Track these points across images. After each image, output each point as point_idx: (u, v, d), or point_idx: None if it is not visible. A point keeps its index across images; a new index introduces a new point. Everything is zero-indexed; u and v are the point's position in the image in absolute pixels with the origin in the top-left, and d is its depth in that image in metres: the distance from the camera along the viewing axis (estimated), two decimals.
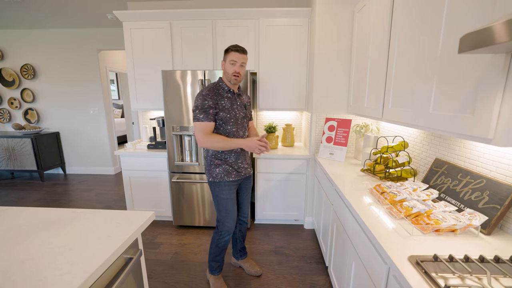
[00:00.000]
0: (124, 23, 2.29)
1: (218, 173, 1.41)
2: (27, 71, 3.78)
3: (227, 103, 1.36)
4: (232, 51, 1.33)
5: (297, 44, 2.21)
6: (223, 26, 2.22)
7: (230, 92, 1.40)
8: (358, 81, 1.76)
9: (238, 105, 1.42)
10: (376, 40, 1.45)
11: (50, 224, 0.93)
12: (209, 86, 1.37)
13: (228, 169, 1.41)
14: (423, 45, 0.99)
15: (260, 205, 2.29)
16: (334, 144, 1.95)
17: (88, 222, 0.94)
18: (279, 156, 2.15)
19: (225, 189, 1.42)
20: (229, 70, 1.34)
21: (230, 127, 1.38)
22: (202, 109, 1.29)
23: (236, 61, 1.33)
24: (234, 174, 1.43)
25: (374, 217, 0.99)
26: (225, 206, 1.44)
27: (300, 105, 2.32)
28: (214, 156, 1.41)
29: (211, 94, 1.32)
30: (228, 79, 1.37)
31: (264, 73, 2.28)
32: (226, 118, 1.35)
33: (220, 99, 1.34)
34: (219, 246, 1.51)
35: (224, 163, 1.41)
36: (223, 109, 1.34)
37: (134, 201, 2.40)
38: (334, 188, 1.47)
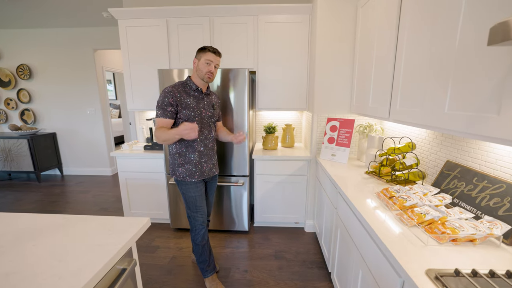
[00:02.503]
0: (120, 21, 2.22)
1: (181, 173, 1.41)
2: (23, 71, 3.71)
3: (192, 101, 1.36)
4: (209, 51, 1.34)
5: (297, 42, 2.14)
6: (220, 23, 2.15)
7: (197, 90, 1.40)
8: (362, 79, 1.69)
9: (205, 104, 1.42)
10: (382, 36, 1.38)
11: (38, 231, 0.87)
12: (176, 83, 1.37)
13: (191, 170, 1.41)
14: (437, 41, 0.91)
15: (259, 207, 2.22)
16: (337, 145, 1.87)
17: (78, 230, 0.88)
18: (278, 158, 2.08)
19: (191, 187, 1.43)
20: (203, 69, 1.35)
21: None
22: (161, 106, 1.30)
23: (211, 61, 1.35)
24: (197, 175, 1.43)
25: (384, 224, 0.92)
26: (193, 202, 1.45)
27: (300, 104, 2.24)
28: (178, 154, 1.41)
29: (174, 91, 1.32)
30: (201, 77, 1.37)
31: (263, 71, 2.20)
32: (190, 116, 1.35)
33: (185, 97, 1.34)
34: (197, 243, 1.49)
35: (186, 162, 1.40)
36: (187, 107, 1.34)
37: (130, 203, 2.33)
38: (338, 191, 1.40)
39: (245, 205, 2.11)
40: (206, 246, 1.52)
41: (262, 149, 2.31)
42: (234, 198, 2.11)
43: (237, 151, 2.01)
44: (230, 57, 2.20)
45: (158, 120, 1.32)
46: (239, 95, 1.92)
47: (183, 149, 1.40)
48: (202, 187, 1.48)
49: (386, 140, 1.70)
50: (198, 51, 1.37)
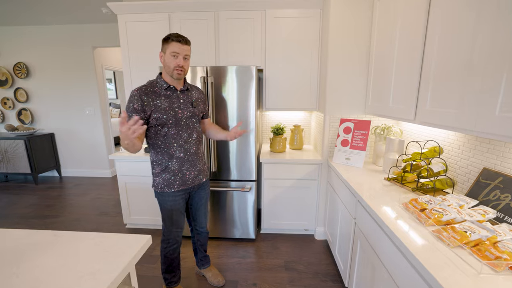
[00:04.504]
0: (119, 16, 2.10)
1: (158, 183, 1.25)
2: (20, 69, 3.59)
3: (163, 102, 1.17)
4: (173, 41, 1.12)
5: (307, 38, 2.01)
6: (226, 18, 2.03)
7: (169, 89, 1.20)
8: (380, 78, 1.57)
9: (181, 103, 1.22)
10: (405, 30, 1.25)
11: (23, 253, 0.74)
12: (143, 85, 1.19)
13: (169, 179, 1.24)
14: (483, 33, 0.79)
15: (266, 213, 2.10)
16: (351, 148, 1.75)
17: (70, 251, 0.76)
18: (287, 161, 1.96)
19: (168, 199, 1.26)
20: (170, 64, 1.15)
21: (168, 129, 1.19)
22: (127, 112, 1.13)
23: (178, 53, 1.13)
24: (177, 184, 1.26)
25: (420, 243, 0.80)
26: (169, 216, 1.31)
27: (310, 104, 2.12)
28: (155, 162, 1.25)
29: (140, 94, 1.13)
30: (170, 73, 1.17)
31: (271, 69, 2.08)
32: (162, 120, 1.16)
33: (154, 99, 1.16)
34: (168, 256, 1.36)
35: (164, 171, 1.24)
36: (157, 109, 1.15)
37: (130, 208, 2.22)
38: (358, 199, 1.28)
39: (252, 212, 1.99)
40: (177, 259, 1.39)
41: (270, 152, 2.19)
42: (240, 204, 1.99)
43: (243, 154, 1.89)
44: (236, 54, 2.07)
45: None
46: (246, 94, 1.80)
47: (159, 156, 1.23)
48: (181, 200, 1.30)
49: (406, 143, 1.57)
50: (162, 43, 1.16)
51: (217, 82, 1.79)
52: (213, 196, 1.99)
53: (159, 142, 1.21)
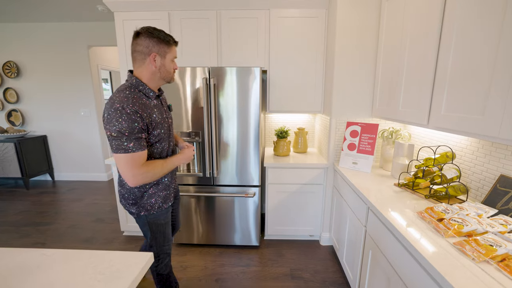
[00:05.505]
0: (116, 14, 2.01)
1: (155, 203, 1.09)
2: (10, 68, 3.45)
3: (157, 114, 1.01)
4: (174, 44, 1.01)
5: (312, 38, 1.97)
6: (228, 17, 1.97)
7: (156, 97, 1.05)
8: (388, 80, 1.53)
9: (165, 111, 1.10)
10: (417, 31, 1.22)
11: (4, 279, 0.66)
12: (128, 95, 0.91)
13: (167, 194, 1.14)
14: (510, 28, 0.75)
15: (271, 219, 2.04)
16: (358, 152, 1.71)
17: (58, 274, 0.68)
18: (293, 165, 1.91)
19: (161, 213, 1.14)
20: (170, 69, 1.03)
21: (164, 143, 1.07)
22: (132, 135, 0.89)
23: (176, 57, 1.06)
24: (172, 196, 1.20)
25: (443, 257, 0.75)
26: (163, 231, 1.17)
27: (315, 107, 2.08)
28: (148, 184, 1.07)
29: (141, 111, 0.91)
30: (167, 79, 1.04)
31: (275, 71, 2.03)
32: (161, 136, 1.03)
33: (150, 114, 0.96)
34: (161, 273, 1.24)
35: (160, 189, 1.11)
36: (157, 125, 1.00)
37: (127, 214, 2.13)
38: (369, 207, 1.24)
39: (256, 218, 1.93)
40: (171, 273, 1.30)
41: (273, 155, 2.14)
42: (243, 210, 1.93)
43: (246, 158, 1.83)
44: (239, 55, 2.01)
45: (132, 156, 0.90)
46: (250, 96, 1.74)
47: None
48: (170, 212, 1.21)
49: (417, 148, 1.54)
50: (154, 42, 0.95)
51: (219, 83, 1.73)
52: (215, 202, 1.93)
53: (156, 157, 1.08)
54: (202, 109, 1.76)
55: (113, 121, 0.87)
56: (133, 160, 0.91)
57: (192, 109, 1.78)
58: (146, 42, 0.95)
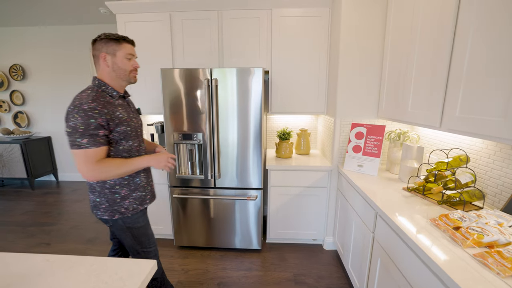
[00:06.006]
0: (118, 16, 2.00)
1: (128, 206, 1.06)
2: (16, 71, 3.50)
3: (122, 112, 1.02)
4: (125, 41, 1.01)
5: (315, 38, 1.92)
6: (230, 17, 1.93)
7: (120, 97, 1.07)
8: (396, 80, 1.47)
9: (133, 112, 1.12)
10: (428, 26, 1.16)
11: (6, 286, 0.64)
12: (89, 94, 0.93)
13: (141, 196, 1.11)
14: None
15: (273, 223, 1.99)
16: (364, 154, 1.65)
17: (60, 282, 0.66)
18: (295, 168, 1.86)
19: (139, 215, 1.11)
20: (126, 67, 1.02)
21: (132, 142, 1.06)
22: (86, 132, 0.89)
23: (132, 55, 1.04)
24: (149, 199, 1.16)
25: (463, 271, 0.70)
26: (145, 234, 1.14)
27: (318, 108, 2.02)
28: (120, 185, 1.04)
29: (100, 108, 0.92)
30: (125, 78, 1.04)
31: (277, 71, 1.98)
32: (127, 133, 1.02)
33: (114, 111, 0.98)
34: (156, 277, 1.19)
35: (134, 190, 1.08)
36: (121, 122, 1.00)
37: None
38: (377, 212, 1.18)
39: (258, 221, 1.89)
40: (164, 274, 1.27)
41: (275, 157, 2.09)
42: (245, 213, 1.89)
43: (248, 161, 1.79)
44: (240, 56, 1.98)
45: (85, 152, 0.90)
46: (253, 97, 1.70)
47: (124, 176, 1.05)
48: (147, 212, 1.20)
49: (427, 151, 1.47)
50: (104, 42, 0.97)
51: (220, 84, 1.69)
52: (217, 205, 1.89)
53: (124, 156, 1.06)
54: (204, 111, 1.73)
55: (69, 118, 0.90)
56: (87, 157, 0.91)
57: (193, 110, 1.75)
58: (98, 45, 0.99)
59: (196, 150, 1.83)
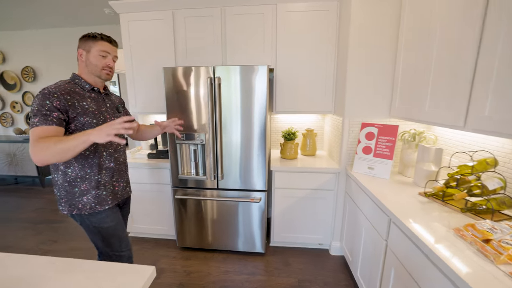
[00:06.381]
0: (121, 15, 1.98)
1: (86, 203, 1.04)
2: (28, 73, 3.59)
3: (91, 104, 1.03)
4: (103, 39, 1.03)
5: (323, 33, 1.82)
6: (233, 14, 1.87)
7: (93, 91, 1.07)
8: (411, 76, 1.36)
9: (108, 108, 1.12)
10: (451, 14, 1.05)
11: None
12: (59, 84, 0.99)
13: (102, 195, 1.07)
14: None
15: (277, 225, 1.92)
16: (375, 156, 1.55)
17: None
18: (301, 169, 1.78)
19: (106, 215, 1.08)
20: (98, 63, 1.03)
21: None
22: (39, 112, 0.89)
23: (109, 53, 1.05)
24: (110, 199, 1.10)
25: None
26: (114, 233, 1.10)
27: (326, 107, 1.93)
28: (80, 178, 1.02)
29: (60, 93, 0.94)
30: (96, 73, 1.05)
31: (282, 69, 1.90)
32: (91, 125, 1.01)
33: (79, 100, 0.99)
34: None
35: (93, 187, 1.04)
36: (85, 112, 1.00)
37: (134, 216, 2.10)
38: (390, 218, 1.09)
39: (261, 224, 1.82)
40: None
41: (280, 158, 2.01)
42: (248, 216, 1.82)
43: (252, 162, 1.72)
44: (244, 53, 1.91)
45: (36, 130, 0.87)
46: (257, 96, 1.63)
47: (86, 170, 1.02)
48: (118, 212, 1.15)
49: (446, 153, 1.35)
50: (83, 39, 1.03)
51: (224, 83, 1.63)
52: (220, 207, 1.84)
53: (87, 152, 1.03)
54: (206, 110, 1.68)
55: (33, 104, 0.92)
56: (34, 134, 0.87)
57: (195, 109, 1.70)
58: (78, 43, 1.04)
59: (199, 151, 1.78)
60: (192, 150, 1.78)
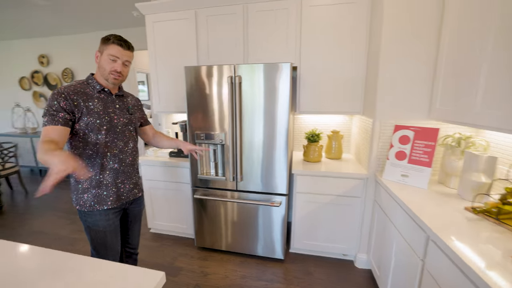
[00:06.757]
0: (147, 17, 2.04)
1: (86, 200, 1.06)
2: (67, 74, 3.91)
3: (97, 105, 1.04)
4: (113, 43, 1.02)
5: (351, 28, 1.69)
6: (256, 10, 1.81)
7: (103, 91, 1.08)
8: (457, 73, 1.19)
9: (117, 109, 1.11)
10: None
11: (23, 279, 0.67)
12: (72, 82, 1.05)
13: (102, 194, 1.08)
14: None
15: (298, 231, 1.83)
16: (410, 162, 1.39)
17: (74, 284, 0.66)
18: (325, 173, 1.67)
19: (101, 219, 1.08)
20: (106, 67, 1.03)
21: (101, 136, 1.05)
22: (48, 111, 0.95)
23: (118, 58, 1.04)
24: (111, 200, 1.10)
25: None
26: (103, 240, 1.10)
27: (354, 107, 1.79)
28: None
29: (68, 93, 0.98)
30: (105, 77, 1.06)
31: (307, 67, 1.80)
32: (94, 125, 1.02)
33: (86, 100, 1.02)
34: None
35: (95, 186, 1.06)
36: (90, 112, 1.02)
37: (154, 212, 2.16)
38: (429, 236, 0.95)
39: (281, 229, 1.75)
40: None
41: (303, 161, 1.92)
42: (267, 220, 1.76)
43: (272, 163, 1.66)
44: (266, 51, 1.85)
45: (44, 129, 0.93)
46: (279, 95, 1.56)
47: (89, 168, 1.05)
48: (115, 218, 1.12)
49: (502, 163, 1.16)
50: (100, 41, 1.05)
51: (245, 81, 1.59)
52: (239, 209, 1.80)
53: (89, 152, 1.04)
54: (227, 109, 1.65)
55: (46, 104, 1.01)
56: (42, 134, 0.94)
57: (216, 109, 1.68)
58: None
59: (218, 151, 1.76)
60: (212, 149, 1.76)
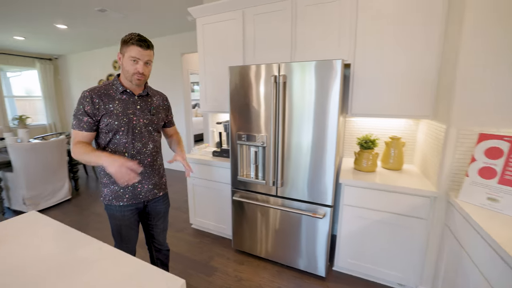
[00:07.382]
0: (198, 20, 2.13)
1: (106, 194, 1.15)
2: None
3: (117, 107, 1.07)
4: (133, 44, 1.01)
5: (420, 16, 1.41)
6: (305, 5, 1.69)
7: (126, 93, 1.09)
8: None
9: (138, 110, 1.12)
10: None
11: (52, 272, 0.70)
12: (98, 85, 1.09)
13: (118, 191, 1.13)
14: None
15: (343, 248, 1.64)
16: (501, 183, 1.07)
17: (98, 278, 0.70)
18: (381, 186, 1.44)
19: (117, 213, 1.16)
20: (129, 68, 1.04)
21: (119, 137, 1.08)
22: (76, 115, 1.04)
23: (138, 59, 1.03)
24: (127, 198, 1.15)
25: None
26: (118, 230, 1.19)
27: (421, 109, 1.50)
28: (104, 172, 1.13)
29: (92, 96, 1.03)
30: (128, 79, 1.07)
31: (361, 64, 1.60)
32: (113, 126, 1.06)
33: (107, 102, 1.06)
34: None
35: (113, 182, 1.13)
36: (109, 114, 1.05)
37: (196, 209, 2.25)
38: None
39: (324, 244, 1.59)
40: None
41: (353, 169, 1.71)
42: (309, 232, 1.63)
43: (317, 170, 1.52)
44: (315, 48, 1.71)
45: (73, 132, 1.05)
46: (327, 95, 1.42)
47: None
48: (131, 214, 1.18)
49: None
50: (122, 43, 1.05)
51: (290, 81, 1.49)
52: (277, 216, 1.72)
53: (109, 150, 1.10)
54: (270, 110, 1.58)
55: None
56: (72, 136, 1.05)
57: (258, 110, 1.63)
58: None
59: (259, 153, 1.71)
60: (253, 152, 1.72)
